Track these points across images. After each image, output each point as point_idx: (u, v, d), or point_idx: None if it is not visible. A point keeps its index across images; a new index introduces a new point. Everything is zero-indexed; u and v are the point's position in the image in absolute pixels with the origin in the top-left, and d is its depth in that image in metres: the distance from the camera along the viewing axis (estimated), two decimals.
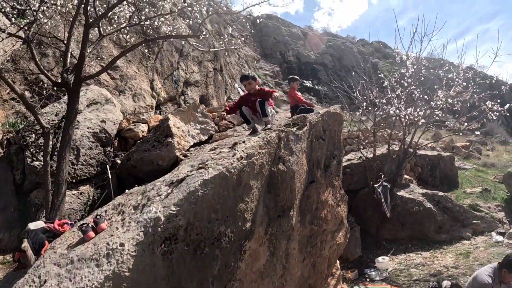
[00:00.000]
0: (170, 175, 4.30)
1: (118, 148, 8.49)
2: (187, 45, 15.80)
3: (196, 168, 4.03)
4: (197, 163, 4.17)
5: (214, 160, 4.13)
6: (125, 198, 4.40)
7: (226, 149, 4.48)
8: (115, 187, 7.76)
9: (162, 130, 7.61)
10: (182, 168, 4.29)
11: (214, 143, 7.29)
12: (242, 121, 9.22)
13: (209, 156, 4.36)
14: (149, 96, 12.71)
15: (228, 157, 4.09)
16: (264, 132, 4.84)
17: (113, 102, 8.90)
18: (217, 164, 3.97)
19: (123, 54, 7.11)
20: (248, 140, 4.53)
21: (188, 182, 3.70)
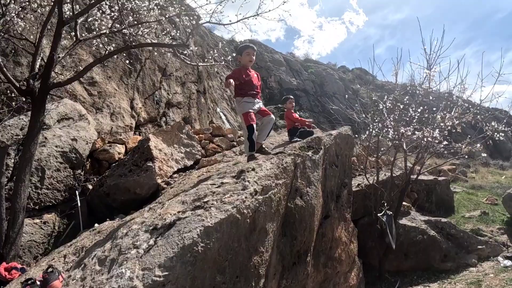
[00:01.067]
0: (152, 216, 3.15)
1: (90, 171, 7.28)
2: (171, 65, 14.86)
3: (192, 207, 2.93)
4: (190, 199, 3.06)
5: (216, 195, 3.02)
6: (92, 239, 3.28)
7: (230, 179, 3.39)
8: (85, 217, 6.56)
9: (142, 152, 6.45)
10: (170, 205, 3.17)
11: (202, 169, 6.19)
12: (231, 145, 8.17)
13: (207, 189, 3.23)
14: (128, 116, 11.58)
15: (237, 191, 3.01)
16: (277, 157, 3.81)
17: (87, 119, 7.74)
18: (223, 201, 2.87)
19: (101, 60, 6.10)
20: (259, 167, 3.47)
21: (180, 230, 2.60)
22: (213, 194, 3.09)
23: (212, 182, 3.49)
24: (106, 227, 3.82)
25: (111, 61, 11.36)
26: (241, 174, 3.39)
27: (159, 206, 3.47)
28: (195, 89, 16.89)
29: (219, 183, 3.39)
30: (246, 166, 3.66)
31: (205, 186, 3.41)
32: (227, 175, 3.62)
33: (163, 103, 14.00)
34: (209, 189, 3.25)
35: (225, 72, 29.56)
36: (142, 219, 3.09)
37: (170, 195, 4.56)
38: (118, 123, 10.97)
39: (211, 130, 8.24)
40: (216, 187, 3.26)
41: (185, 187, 4.62)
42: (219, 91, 26.21)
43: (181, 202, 3.11)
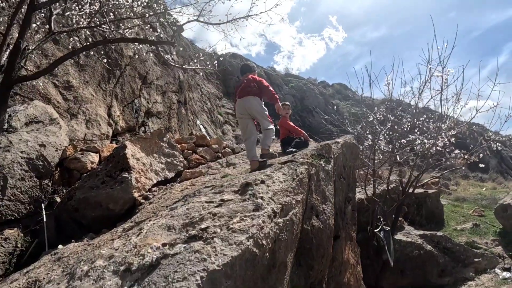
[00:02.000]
0: (124, 247, 2.35)
1: (58, 182, 6.36)
2: (152, 72, 14.07)
3: (183, 236, 2.18)
4: (180, 223, 2.29)
5: (219, 219, 2.25)
6: (49, 268, 2.49)
7: (231, 194, 2.63)
8: (52, 234, 5.65)
9: (117, 161, 5.59)
10: (150, 232, 2.40)
11: (185, 182, 5.40)
12: (216, 157, 7.44)
13: (203, 209, 2.44)
14: (105, 124, 10.68)
15: (247, 212, 2.28)
16: (288, 166, 3.09)
17: (59, 123, 6.85)
18: (231, 229, 2.12)
19: (74, 54, 5.33)
20: (270, 179, 2.75)
21: (169, 276, 1.79)
22: (213, 217, 2.36)
23: (208, 199, 2.72)
24: (70, 251, 3.02)
25: (89, 65, 10.53)
26: (247, 188, 2.67)
27: (136, 231, 2.65)
28: (176, 99, 16.12)
29: (218, 200, 2.64)
30: (250, 177, 2.92)
31: (199, 205, 2.67)
32: (226, 190, 2.87)
33: (143, 112, 13.17)
34: (206, 209, 2.50)
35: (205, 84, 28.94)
36: (111, 250, 2.27)
37: (149, 213, 3.77)
38: (93, 131, 10.07)
39: (195, 139, 7.48)
40: (216, 207, 2.53)
41: (167, 203, 3.84)
42: (199, 103, 25.52)
43: (166, 228, 2.35)
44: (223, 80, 30.11)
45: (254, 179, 2.82)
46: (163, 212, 2.81)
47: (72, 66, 9.98)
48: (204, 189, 3.24)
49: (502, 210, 10.42)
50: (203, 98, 27.00)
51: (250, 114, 4.93)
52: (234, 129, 28.00)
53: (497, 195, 14.65)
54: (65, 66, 9.64)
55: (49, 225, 5.66)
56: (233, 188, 2.77)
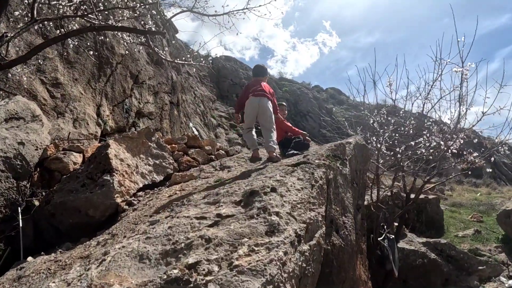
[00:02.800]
0: (82, 280, 1.79)
1: (38, 184, 5.76)
2: (144, 72, 13.50)
3: (159, 280, 1.62)
4: (157, 250, 1.78)
5: (215, 248, 1.68)
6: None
7: (231, 207, 2.03)
8: (30, 241, 5.06)
9: (98, 162, 4.96)
10: (114, 262, 1.82)
11: (175, 187, 4.84)
12: (209, 159, 6.90)
13: (192, 230, 1.86)
14: (93, 123, 10.10)
15: (258, 236, 1.77)
16: (301, 169, 2.52)
17: (41, 121, 6.26)
18: (236, 268, 1.53)
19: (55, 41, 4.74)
20: (283, 186, 2.17)
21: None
22: (206, 243, 1.74)
23: (199, 214, 2.12)
24: (33, 269, 2.47)
25: (79, 62, 9.95)
26: (252, 199, 2.06)
27: (99, 254, 2.05)
28: (168, 100, 15.57)
29: (213, 215, 2.02)
30: (256, 183, 2.32)
31: (186, 221, 2.05)
32: (223, 199, 2.26)
33: (133, 112, 12.58)
34: (196, 230, 1.88)
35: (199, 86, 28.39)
36: (61, 284, 1.69)
37: (130, 223, 3.21)
38: (81, 131, 9.48)
39: (186, 140, 6.92)
40: (210, 226, 1.92)
41: (151, 211, 3.27)
42: (193, 105, 24.98)
43: (136, 257, 1.75)
44: (217, 82, 29.62)
45: (262, 185, 2.21)
46: (141, 227, 2.23)
47: (61, 62, 9.40)
48: (195, 196, 2.68)
49: (505, 216, 10.05)
50: (197, 100, 26.47)
51: (257, 112, 5.06)
52: (227, 132, 27.47)
53: (493, 201, 14.38)
54: (53, 62, 9.07)
55: (27, 231, 5.08)
56: (233, 197, 2.15)
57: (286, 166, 2.92)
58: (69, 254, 2.75)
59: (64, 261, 2.44)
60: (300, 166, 2.81)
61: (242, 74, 30.78)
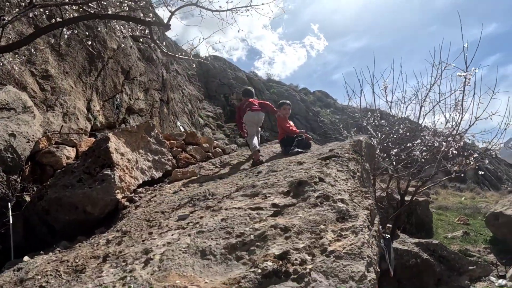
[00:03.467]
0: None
1: (29, 178, 5.43)
2: (135, 68, 13.14)
3: (252, 274, 1.51)
4: (220, 244, 1.65)
5: (297, 236, 1.73)
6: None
7: (282, 198, 2.08)
8: (21, 239, 4.74)
9: (97, 156, 4.64)
10: (170, 259, 1.69)
11: (177, 183, 4.60)
12: (206, 156, 6.70)
13: (253, 221, 1.79)
14: (83, 118, 9.71)
15: (333, 223, 2.00)
16: (334, 162, 2.42)
17: (33, 112, 5.91)
18: (333, 254, 1.52)
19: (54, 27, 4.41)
20: (328, 177, 2.14)
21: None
22: (281, 232, 1.61)
23: (249, 205, 1.95)
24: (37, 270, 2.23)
25: (70, 55, 9.56)
26: (302, 189, 2.02)
27: (136, 254, 1.85)
28: (158, 97, 15.22)
29: (269, 206, 1.88)
30: (297, 175, 2.21)
31: (241, 213, 1.89)
32: (265, 191, 2.14)
33: (124, 108, 12.21)
34: (258, 221, 1.74)
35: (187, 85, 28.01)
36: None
37: (140, 219, 2.98)
38: (71, 125, 9.10)
39: (184, 136, 6.67)
40: (272, 216, 1.77)
41: (162, 207, 3.05)
42: (180, 104, 24.63)
43: (197, 254, 1.54)
44: (205, 82, 29.29)
45: (309, 176, 2.13)
46: (171, 223, 2.04)
47: (52, 54, 9.02)
48: (219, 190, 2.49)
49: (493, 218, 10.15)
50: (184, 99, 26.11)
51: (257, 123, 6.24)
52: (214, 132, 27.15)
53: (478, 205, 14.56)
54: (44, 54, 8.68)
55: (17, 228, 4.75)
56: (278, 189, 2.04)
57: (318, 160, 2.79)
58: (75, 253, 2.50)
59: (73, 261, 2.19)
60: (332, 159, 2.72)
61: (231, 74, 30.55)
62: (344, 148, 3.19)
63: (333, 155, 2.86)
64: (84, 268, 1.99)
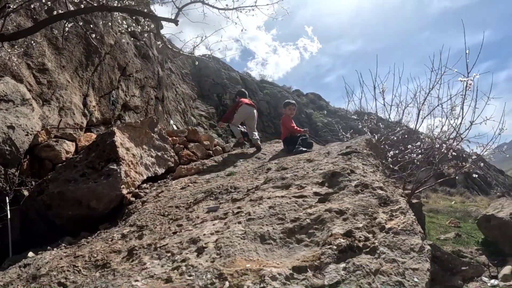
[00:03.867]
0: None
1: (27, 172, 5.26)
2: (132, 65, 12.94)
3: (328, 250, 1.73)
4: (277, 229, 1.75)
5: (353, 217, 1.69)
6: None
7: (318, 187, 2.61)
8: (17, 235, 4.56)
9: (102, 150, 4.51)
10: (228, 245, 1.78)
11: (182, 179, 4.51)
12: (207, 154, 6.66)
13: (302, 207, 1.84)
14: (79, 113, 9.51)
15: (378, 207, 1.80)
16: (356, 157, 2.55)
17: (31, 105, 5.75)
18: (391, 231, 1.63)
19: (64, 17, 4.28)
20: (357, 169, 2.40)
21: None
22: (339, 215, 1.77)
23: (290, 194, 2.06)
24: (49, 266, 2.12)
25: (67, 49, 9.36)
26: (336, 179, 2.15)
27: (182, 243, 1.89)
28: (154, 95, 15.03)
29: (312, 194, 2.02)
30: (326, 167, 2.34)
31: (288, 201, 2.01)
32: (300, 183, 2.26)
33: (120, 105, 12.01)
34: (309, 207, 1.86)
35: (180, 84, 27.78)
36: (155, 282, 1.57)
37: (153, 214, 2.90)
38: (67, 120, 8.89)
39: (186, 133, 6.57)
40: (320, 202, 1.93)
41: (176, 202, 2.97)
42: (174, 102, 24.41)
43: (257, 240, 1.70)
44: (198, 81, 29.09)
45: (342, 167, 2.31)
46: (201, 215, 2.02)
47: (49, 48, 8.82)
48: (240, 183, 2.46)
49: (485, 221, 10.19)
50: (178, 98, 25.89)
51: (248, 116, 6.79)
52: (206, 131, 26.96)
53: (468, 208, 14.65)
54: (41, 47, 8.47)
55: (14, 224, 4.59)
56: (311, 180, 2.19)
57: (339, 155, 2.86)
58: (88, 248, 2.38)
59: (90, 256, 2.07)
60: (353, 154, 2.87)
61: (224, 74, 30.40)
62: (361, 145, 3.28)
63: (352, 151, 2.93)
64: (107, 262, 1.90)
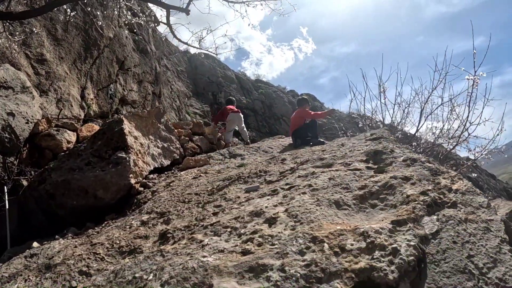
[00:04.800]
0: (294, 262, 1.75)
1: (26, 161, 4.98)
2: (130, 59, 12.64)
3: (425, 202, 1.97)
4: (347, 196, 1.84)
5: (420, 182, 1.75)
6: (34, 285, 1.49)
7: (363, 164, 2.55)
8: (15, 227, 4.31)
9: (109, 139, 4.25)
10: (309, 213, 1.77)
11: (192, 170, 4.32)
12: (211, 148, 6.52)
13: (364, 178, 1.90)
14: (77, 106, 9.21)
15: (431, 176, 1.89)
16: (384, 140, 2.58)
17: (31, 93, 5.48)
18: (459, 192, 1.74)
19: None
20: (396, 148, 2.25)
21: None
22: (405, 181, 1.84)
23: (343, 169, 2.18)
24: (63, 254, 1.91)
25: (66, 40, 9.06)
26: (380, 157, 2.15)
27: (220, 228, 1.85)
28: (151, 90, 14.72)
29: (365, 168, 2.12)
30: (365, 148, 2.47)
31: (347, 173, 2.11)
32: (343, 161, 2.32)
33: (117, 99, 11.70)
34: (369, 177, 1.94)
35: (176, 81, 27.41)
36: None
37: (173, 202, 2.72)
38: (64, 112, 8.58)
39: (191, 126, 6.36)
40: (378, 173, 2.03)
41: (194, 189, 2.81)
42: (169, 99, 24.05)
43: (332, 206, 1.84)
44: (194, 79, 28.76)
45: (383, 147, 2.46)
46: (241, 195, 1.93)
47: (48, 39, 8.51)
48: (271, 167, 2.36)
49: None
50: (173, 95, 25.53)
51: (238, 121, 8.05)
52: None
53: None
54: (40, 37, 8.16)
55: (12, 215, 4.32)
56: (354, 158, 2.28)
57: (368, 140, 2.87)
58: (104, 236, 2.17)
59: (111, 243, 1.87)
60: (382, 139, 2.79)
61: (219, 73, 30.11)
62: (385, 132, 3.31)
63: (379, 137, 2.95)
64: (136, 248, 1.72)
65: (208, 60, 29.81)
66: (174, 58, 28.38)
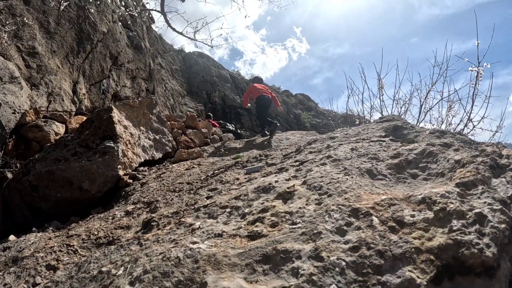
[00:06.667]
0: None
1: (12, 153, 4.73)
2: (124, 55, 12.38)
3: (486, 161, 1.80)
4: (381, 166, 1.60)
5: (443, 158, 1.60)
6: None
7: (378, 140, 1.96)
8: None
9: (97, 127, 4.00)
10: (336, 186, 1.51)
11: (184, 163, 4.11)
12: (205, 142, 6.32)
13: (390, 150, 1.67)
14: (68, 100, 8.94)
15: (449, 150, 1.77)
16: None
17: (20, 83, 5.23)
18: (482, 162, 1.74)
19: None
20: (418, 126, 2.31)
21: None
22: (429, 147, 1.80)
23: (360, 145, 1.96)
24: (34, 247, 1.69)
25: (59, 33, 8.79)
26: (401, 132, 2.03)
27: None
28: (145, 86, 14.47)
29: (388, 140, 2.01)
30: (383, 125, 2.30)
31: (370, 145, 1.87)
32: (352, 139, 2.16)
33: (110, 95, 11.43)
34: (395, 149, 1.75)
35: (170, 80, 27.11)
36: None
37: (162, 191, 2.54)
38: (55, 106, 8.32)
39: (185, 118, 6.15)
40: (401, 146, 1.87)
41: (185, 179, 2.63)
42: (163, 98, 23.75)
43: (365, 175, 1.62)
44: (188, 78, 28.49)
45: (403, 122, 2.46)
46: (241, 177, 1.76)
47: (40, 31, 8.24)
48: (277, 152, 2.24)
49: None
50: (167, 93, 25.22)
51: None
52: None
53: None
54: (32, 30, 7.90)
55: None
56: (373, 134, 2.08)
57: (378, 123, 2.69)
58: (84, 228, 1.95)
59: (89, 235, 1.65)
60: (395, 120, 2.61)
61: (214, 72, 29.88)
62: (395, 115, 3.16)
63: (391, 119, 2.82)
64: (114, 239, 1.48)
65: (203, 59, 29.56)
66: (169, 56, 28.09)
